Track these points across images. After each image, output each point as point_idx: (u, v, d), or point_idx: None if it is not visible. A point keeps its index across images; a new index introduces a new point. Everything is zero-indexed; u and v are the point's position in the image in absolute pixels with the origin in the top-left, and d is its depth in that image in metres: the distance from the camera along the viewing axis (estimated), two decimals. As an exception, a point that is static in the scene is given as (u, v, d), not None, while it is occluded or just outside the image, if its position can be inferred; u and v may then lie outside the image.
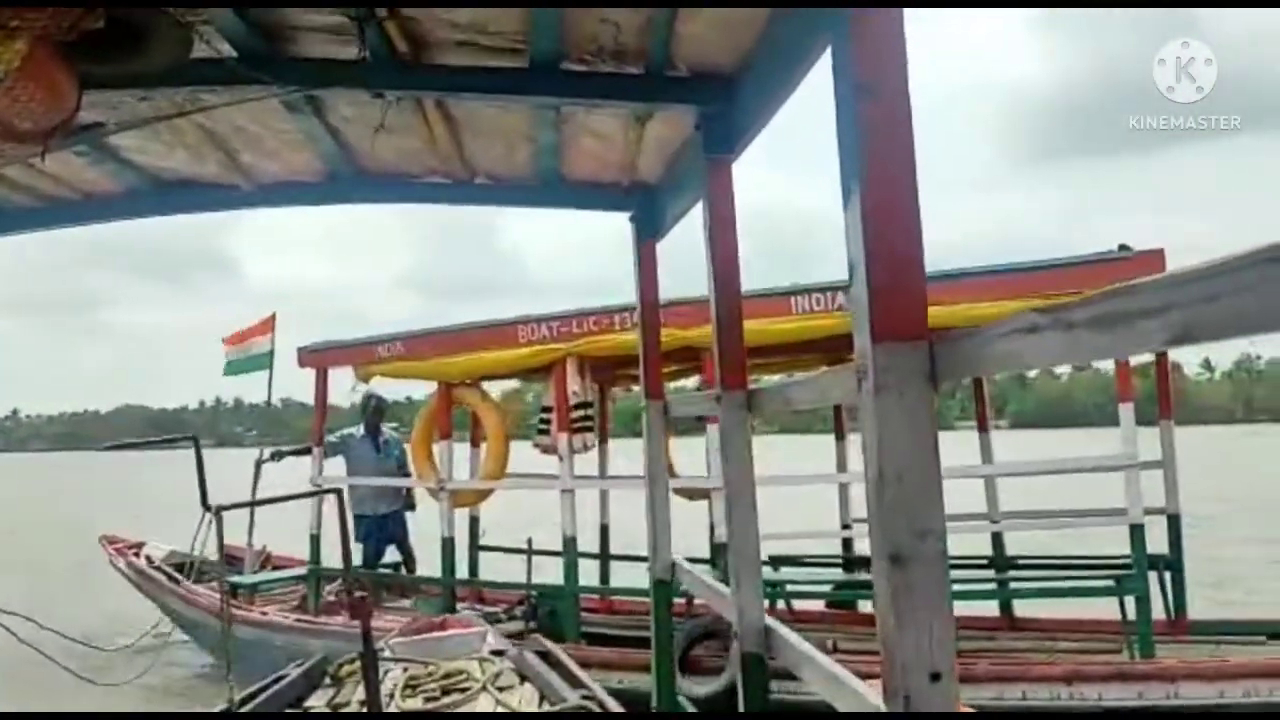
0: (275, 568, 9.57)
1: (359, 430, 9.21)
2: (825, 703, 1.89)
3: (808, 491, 8.08)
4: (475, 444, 9.27)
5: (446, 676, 4.77)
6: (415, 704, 4.48)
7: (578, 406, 7.71)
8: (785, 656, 2.20)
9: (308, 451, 9.09)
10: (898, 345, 1.40)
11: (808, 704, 1.96)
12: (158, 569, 9.31)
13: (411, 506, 9.35)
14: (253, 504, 3.63)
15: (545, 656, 5.04)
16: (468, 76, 2.48)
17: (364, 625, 3.96)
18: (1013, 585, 7.24)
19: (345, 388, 9.14)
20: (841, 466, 8.63)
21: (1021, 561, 7.89)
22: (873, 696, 1.61)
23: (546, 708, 4.39)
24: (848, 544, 8.63)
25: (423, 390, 9.97)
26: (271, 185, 3.28)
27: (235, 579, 8.57)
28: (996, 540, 7.72)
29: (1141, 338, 0.94)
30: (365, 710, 3.98)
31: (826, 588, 8.16)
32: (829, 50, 1.58)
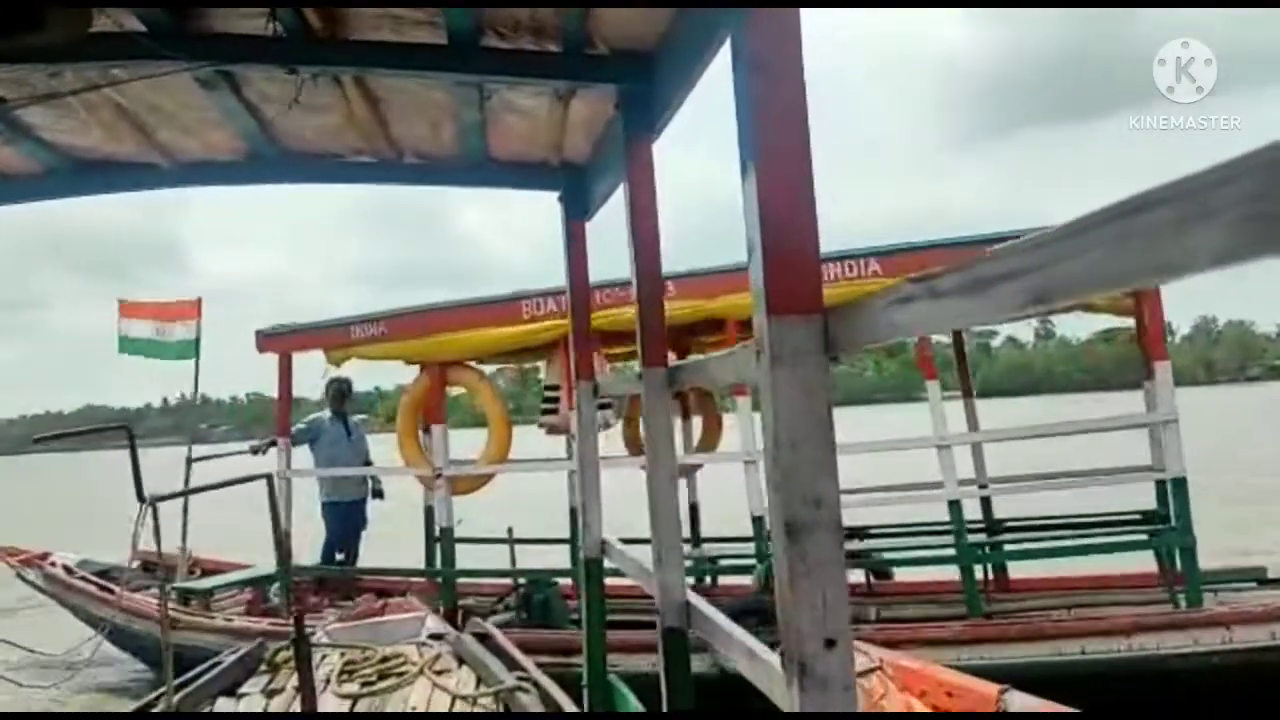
0: (205, 572, 8.92)
1: (326, 414, 8.82)
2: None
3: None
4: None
5: (383, 661, 4.76)
6: (352, 688, 4.47)
7: None
8: (703, 629, 2.23)
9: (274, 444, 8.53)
10: (792, 319, 1.42)
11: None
12: (84, 579, 8.41)
13: (380, 494, 8.97)
14: (188, 493, 3.58)
15: (484, 640, 5.04)
16: (384, 53, 2.46)
17: (298, 611, 3.93)
18: (1049, 545, 7.27)
19: (314, 375, 8.60)
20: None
21: (1023, 523, 7.96)
22: (778, 665, 1.63)
23: (483, 689, 4.40)
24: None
25: (392, 379, 9.63)
26: (191, 164, 3.23)
27: (188, 584, 8.12)
28: (986, 504, 7.86)
29: (1002, 301, 0.97)
30: (299, 695, 3.95)
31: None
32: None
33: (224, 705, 4.53)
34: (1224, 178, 0.64)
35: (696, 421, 9.18)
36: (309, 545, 8.60)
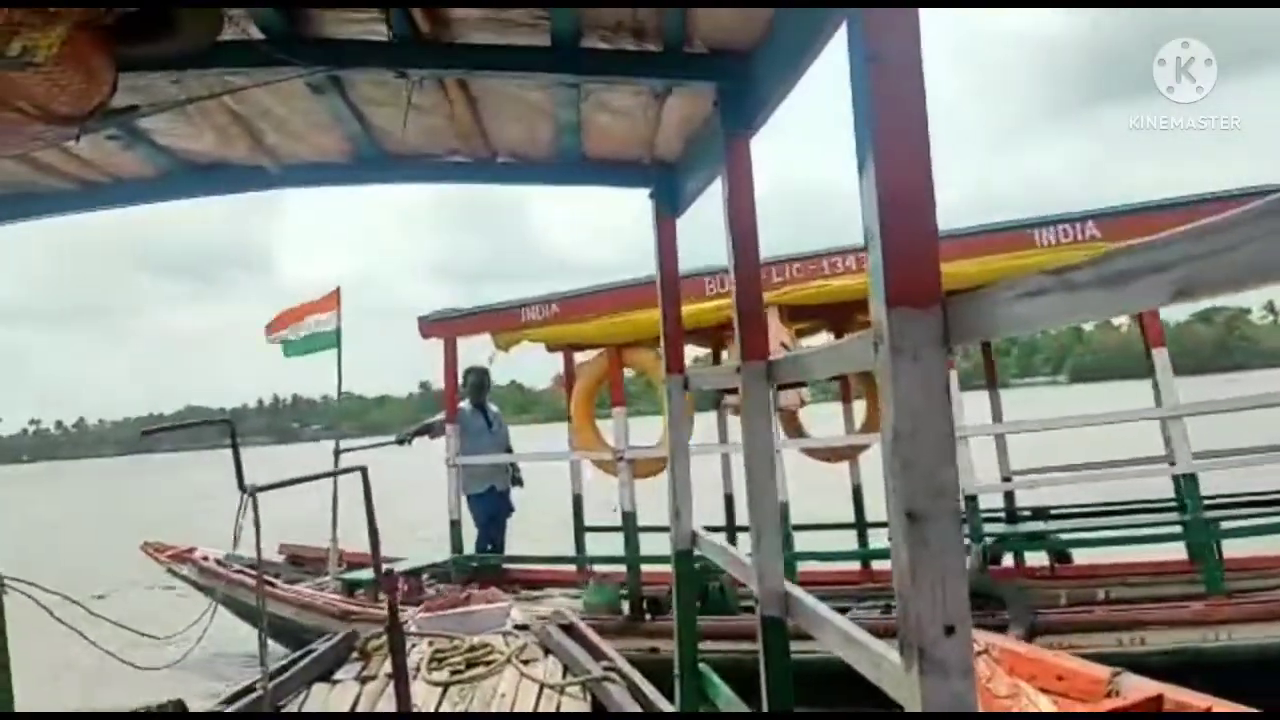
0: (350, 565, 8.71)
1: (465, 404, 8.59)
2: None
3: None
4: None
5: (471, 650, 4.87)
6: (441, 676, 4.58)
7: None
8: (803, 619, 2.25)
9: (427, 432, 8.58)
10: (912, 311, 1.44)
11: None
12: (239, 572, 8.03)
13: (519, 482, 8.89)
14: (287, 484, 3.69)
15: (569, 630, 5.12)
16: (490, 54, 2.52)
17: (390, 600, 4.05)
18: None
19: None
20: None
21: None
22: (890, 653, 1.66)
23: (570, 679, 4.48)
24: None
25: (506, 375, 9.57)
26: (298, 166, 3.34)
27: (353, 575, 8.15)
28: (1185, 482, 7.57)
29: (1144, 294, 0.99)
30: (393, 683, 4.07)
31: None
32: (845, 24, 1.62)
33: (319, 691, 4.68)
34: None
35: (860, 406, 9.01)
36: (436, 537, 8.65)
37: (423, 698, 4.35)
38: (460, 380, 8.49)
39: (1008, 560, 7.82)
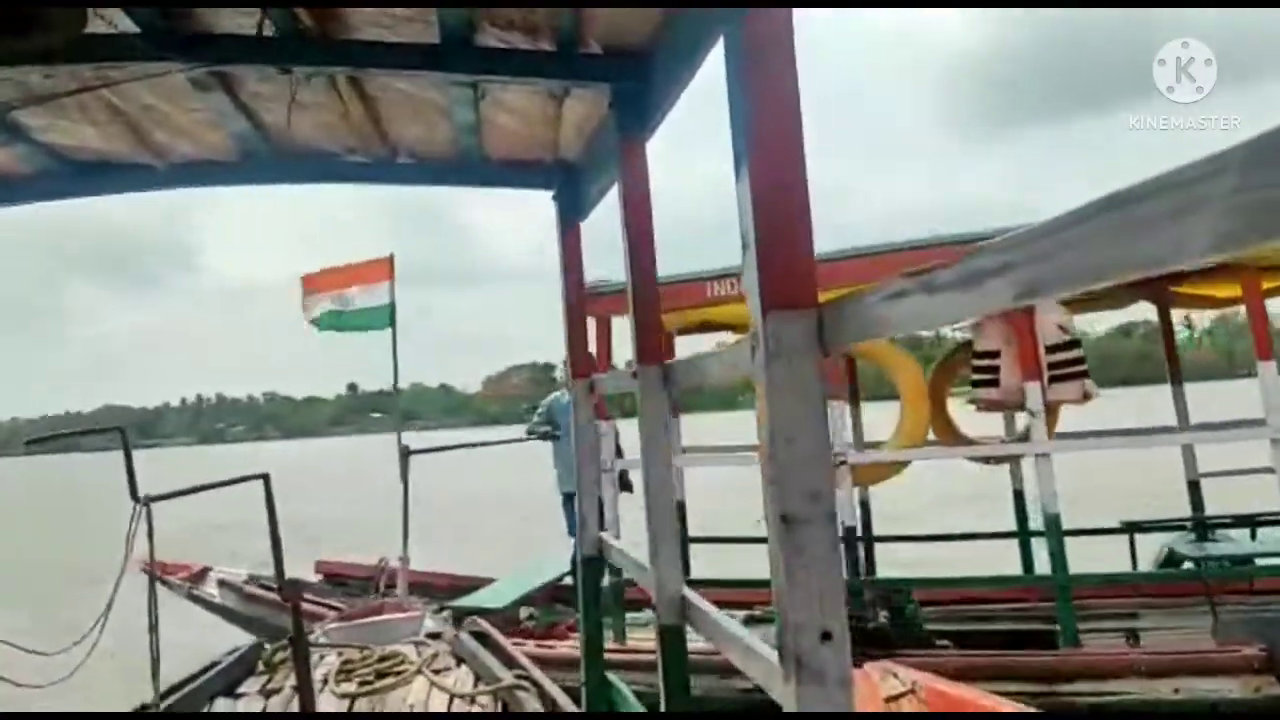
0: (389, 586, 7.56)
1: (564, 394, 7.31)
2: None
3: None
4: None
5: (381, 660, 4.76)
6: (349, 688, 4.47)
7: (1060, 347, 6.15)
8: (701, 626, 2.23)
9: (545, 435, 7.50)
10: (787, 314, 1.43)
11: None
12: (264, 588, 7.28)
13: (628, 487, 7.24)
14: (186, 492, 3.55)
15: (482, 639, 5.05)
16: (377, 52, 2.45)
17: (294, 608, 3.93)
18: None
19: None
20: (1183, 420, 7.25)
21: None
22: (775, 659, 1.64)
23: (481, 688, 4.41)
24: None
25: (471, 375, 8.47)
26: (186, 165, 3.22)
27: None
28: None
29: (994, 295, 0.98)
30: (297, 694, 3.96)
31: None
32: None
33: (222, 706, 4.53)
34: (1210, 171, 0.65)
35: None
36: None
37: (330, 710, 4.24)
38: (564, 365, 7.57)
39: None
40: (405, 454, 6.65)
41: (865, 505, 8.18)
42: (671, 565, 2.44)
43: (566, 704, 4.04)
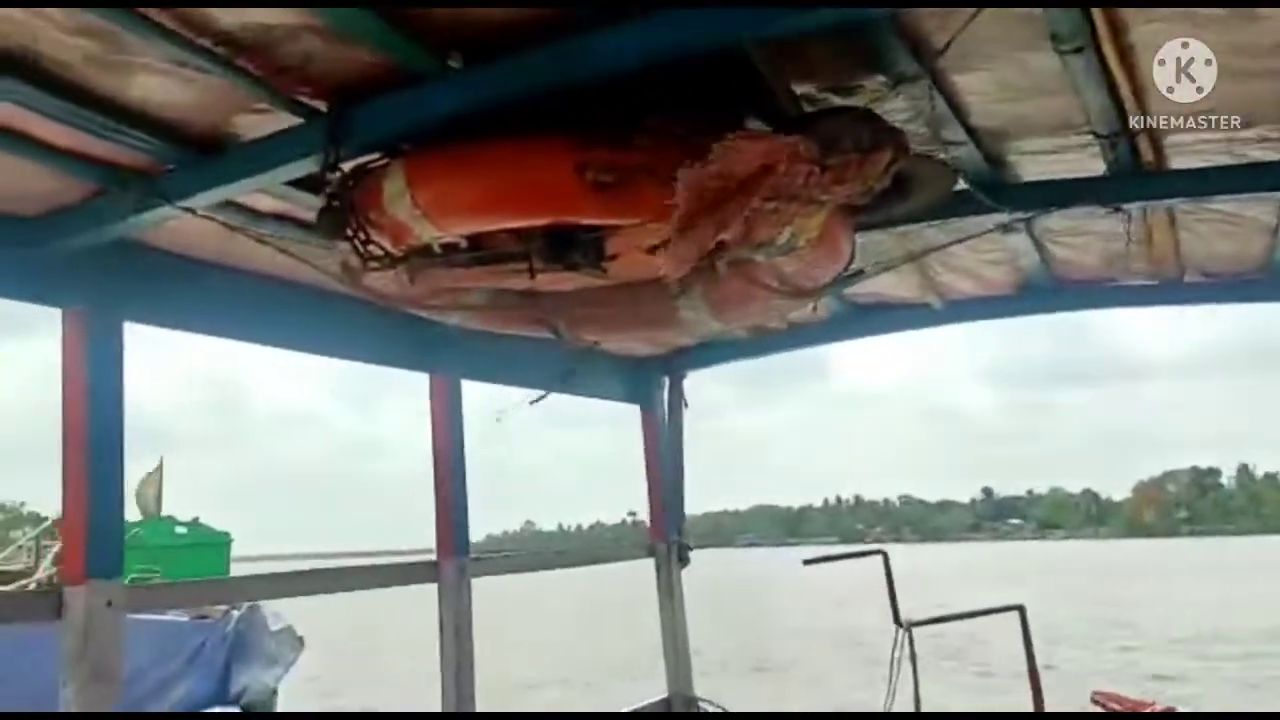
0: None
1: None
2: None
3: None
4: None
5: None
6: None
7: None
8: None
9: None
10: None
11: None
12: None
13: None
14: (945, 620, 3.61)
15: None
16: (1214, 178, 2.29)
17: None
18: None
19: None
20: None
21: None
22: None
23: None
24: None
25: None
26: (962, 302, 3.34)
27: None
28: None
29: None
30: None
31: None
32: None
33: None
34: None
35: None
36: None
37: None
38: None
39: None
40: None
41: None
42: None
43: None
